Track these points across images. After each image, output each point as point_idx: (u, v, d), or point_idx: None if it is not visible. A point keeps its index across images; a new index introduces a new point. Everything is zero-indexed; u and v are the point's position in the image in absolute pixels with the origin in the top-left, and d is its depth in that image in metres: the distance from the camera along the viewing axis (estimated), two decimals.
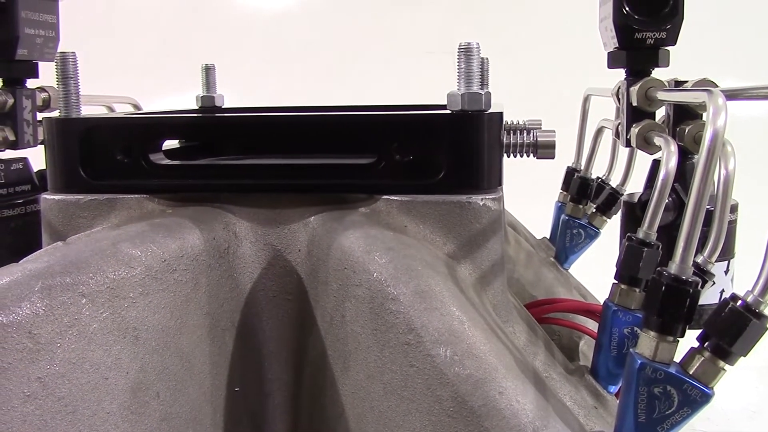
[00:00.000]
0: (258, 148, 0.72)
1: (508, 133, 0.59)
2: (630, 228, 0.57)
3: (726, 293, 0.59)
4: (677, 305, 0.42)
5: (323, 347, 0.53)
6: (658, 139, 0.55)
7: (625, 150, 0.73)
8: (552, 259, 0.83)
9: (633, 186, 0.76)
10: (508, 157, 0.59)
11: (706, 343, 0.42)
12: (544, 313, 0.69)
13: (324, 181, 0.57)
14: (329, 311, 0.52)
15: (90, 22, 1.85)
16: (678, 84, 0.60)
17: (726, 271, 0.59)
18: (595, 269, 0.83)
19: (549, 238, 0.88)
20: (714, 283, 0.55)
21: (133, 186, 0.58)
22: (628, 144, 0.61)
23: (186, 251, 0.52)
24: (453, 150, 0.54)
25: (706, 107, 0.43)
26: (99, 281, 0.46)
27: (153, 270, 0.49)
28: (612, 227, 0.78)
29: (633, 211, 0.60)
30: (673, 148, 0.50)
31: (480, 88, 0.54)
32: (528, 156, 0.60)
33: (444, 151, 0.54)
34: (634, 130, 0.59)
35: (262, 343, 0.56)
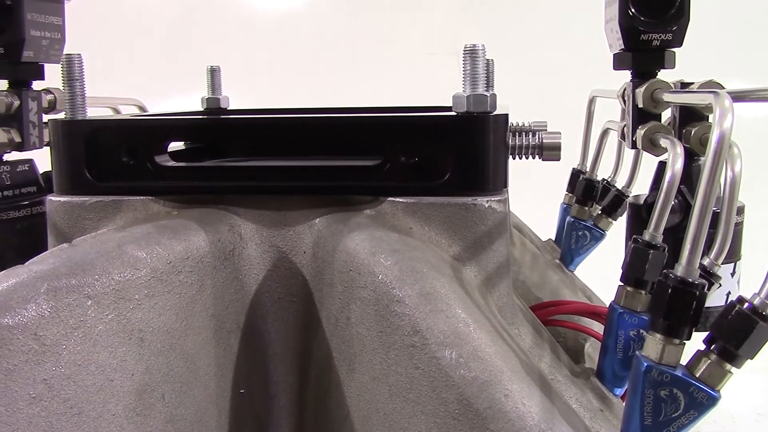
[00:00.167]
0: (263, 150, 0.72)
1: (514, 135, 0.59)
2: (636, 230, 0.57)
3: (732, 295, 0.59)
4: (684, 308, 0.42)
5: (328, 349, 0.53)
6: (664, 141, 0.55)
7: (630, 151, 0.73)
8: (557, 260, 0.83)
9: (638, 188, 0.76)
10: (514, 158, 0.59)
11: (713, 346, 0.42)
12: (549, 315, 0.69)
13: (329, 183, 0.57)
14: (334, 313, 0.52)
15: (95, 23, 1.86)
16: (684, 86, 0.60)
17: (732, 273, 0.59)
18: (600, 271, 0.83)
19: (554, 239, 0.88)
20: (720, 285, 0.55)
21: (138, 188, 0.58)
22: (633, 146, 0.61)
23: (191, 253, 0.52)
24: (458, 152, 0.54)
25: (712, 109, 0.43)
26: (104, 283, 0.46)
27: (158, 272, 0.49)
28: (617, 229, 0.78)
29: (639, 213, 0.60)
30: (679, 149, 0.50)
31: (485, 90, 0.54)
32: (533, 158, 0.59)
33: (449, 153, 0.54)
34: (640, 131, 0.59)
35: (267, 345, 0.56)
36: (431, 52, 1.97)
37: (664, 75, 0.60)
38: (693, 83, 0.60)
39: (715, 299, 0.56)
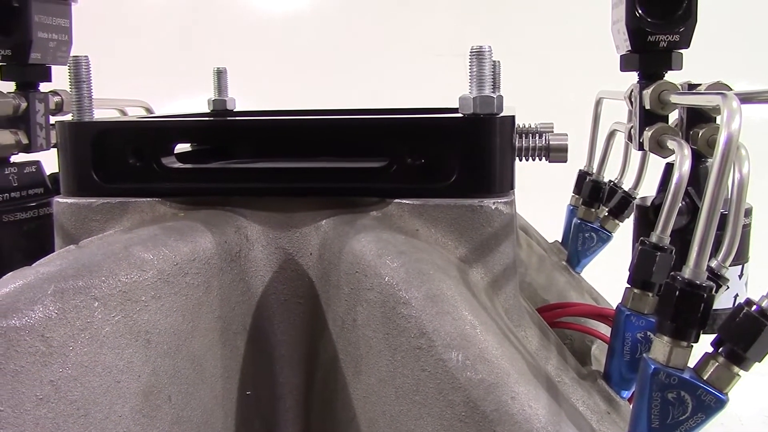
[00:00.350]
0: (270, 152, 0.72)
1: (520, 137, 0.59)
2: (643, 232, 0.57)
3: (740, 298, 0.58)
4: (691, 310, 0.42)
5: (335, 351, 0.53)
6: (672, 143, 0.55)
7: (637, 153, 0.73)
8: (564, 262, 0.83)
9: (645, 189, 0.75)
10: (520, 160, 0.59)
11: (721, 349, 0.42)
12: (556, 317, 0.68)
13: (335, 185, 0.57)
14: (341, 315, 0.52)
15: (101, 25, 1.86)
16: (691, 87, 0.60)
17: (740, 276, 0.59)
18: (607, 272, 0.83)
19: (561, 241, 0.88)
20: (728, 287, 0.55)
21: (145, 189, 0.58)
22: (640, 147, 0.60)
23: (198, 255, 0.52)
24: (465, 153, 0.54)
25: (719, 110, 0.43)
26: (111, 285, 0.46)
27: (165, 273, 0.49)
28: (624, 230, 0.78)
29: (646, 215, 0.60)
30: (686, 151, 0.50)
31: (492, 92, 0.54)
32: (540, 159, 0.59)
33: (456, 154, 0.54)
34: (647, 133, 0.59)
35: (273, 347, 0.56)
36: (437, 53, 1.97)
37: (671, 76, 0.60)
38: (700, 85, 0.59)
39: (722, 301, 0.55)
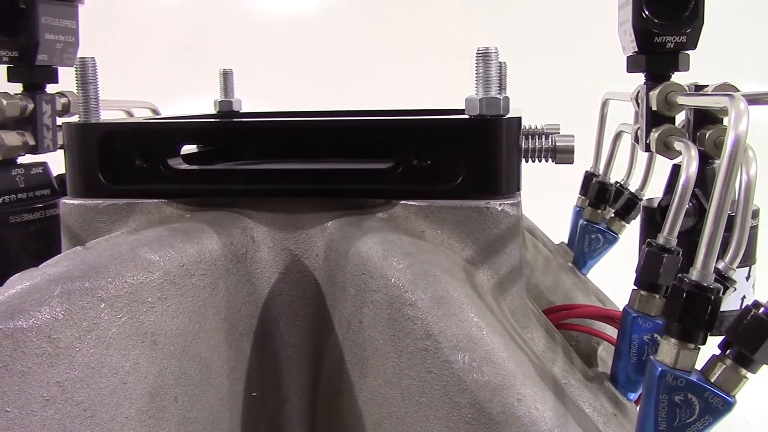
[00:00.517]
0: (276, 153, 0.72)
1: (527, 138, 0.59)
2: (650, 233, 0.57)
3: (747, 300, 0.58)
4: (698, 312, 0.42)
5: (341, 352, 0.53)
6: (679, 144, 0.55)
7: (643, 154, 0.73)
8: (570, 264, 0.83)
9: (651, 191, 0.75)
10: (527, 162, 0.59)
11: (728, 351, 0.42)
12: (562, 318, 0.68)
13: (341, 186, 0.57)
14: (347, 316, 0.52)
15: (107, 26, 1.87)
16: (698, 88, 0.60)
17: (747, 277, 0.59)
18: (613, 274, 0.83)
19: (567, 243, 0.88)
20: (735, 289, 0.54)
21: (151, 191, 0.58)
22: (647, 149, 0.60)
23: (204, 256, 0.52)
24: (471, 155, 0.54)
25: (727, 112, 0.43)
26: (118, 286, 0.46)
27: (171, 275, 0.49)
28: (630, 232, 0.78)
29: (653, 217, 0.59)
30: (693, 153, 0.50)
31: (498, 93, 0.54)
32: (546, 161, 0.59)
33: (462, 156, 0.54)
34: (653, 134, 0.58)
35: (279, 348, 0.56)
36: (442, 54, 1.97)
37: (678, 77, 0.60)
38: (707, 86, 0.59)
39: (729, 303, 0.55)
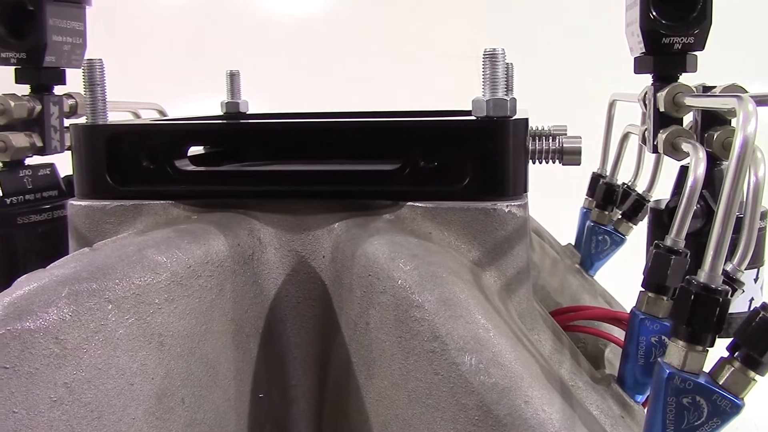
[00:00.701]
0: (282, 154, 0.72)
1: (534, 140, 0.59)
2: (657, 235, 0.57)
3: (756, 302, 0.58)
4: (707, 314, 0.41)
5: (347, 354, 0.53)
6: (686, 146, 0.54)
7: (651, 156, 0.72)
8: (577, 265, 0.83)
9: (658, 192, 0.75)
10: (534, 163, 0.59)
11: (736, 353, 0.42)
12: (569, 320, 0.68)
13: (348, 188, 0.57)
14: (353, 318, 0.52)
15: (116, 28, 1.87)
16: (706, 89, 0.60)
17: (755, 279, 0.58)
18: (620, 275, 0.83)
19: (574, 244, 0.87)
20: (743, 291, 0.54)
21: (158, 192, 0.58)
22: (655, 150, 0.60)
23: (211, 257, 0.52)
24: (478, 156, 0.54)
25: (735, 113, 0.43)
26: (125, 287, 0.47)
27: (178, 276, 0.49)
28: (637, 233, 0.78)
29: (660, 218, 0.59)
30: (701, 154, 0.50)
31: (505, 94, 0.54)
32: (554, 162, 0.59)
33: (469, 157, 0.54)
34: (661, 136, 0.58)
35: (286, 350, 0.56)
36: (449, 55, 1.97)
37: (685, 78, 0.60)
38: (715, 87, 0.59)
39: (738, 305, 0.55)
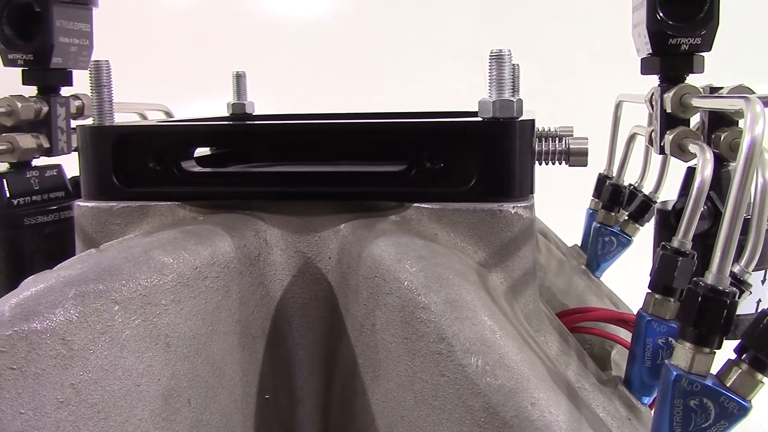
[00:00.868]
0: (289, 155, 0.72)
1: (540, 141, 0.59)
2: (664, 236, 0.57)
3: (763, 303, 0.58)
4: (714, 316, 0.41)
5: (353, 355, 0.53)
6: (693, 147, 0.54)
7: (657, 157, 0.72)
8: (583, 267, 0.82)
9: (665, 193, 0.75)
10: (540, 164, 0.59)
11: (744, 355, 0.42)
12: (575, 322, 0.68)
13: (354, 189, 0.57)
14: (359, 319, 0.52)
15: (123, 29, 1.88)
16: (713, 90, 0.59)
17: (763, 281, 0.58)
18: (627, 277, 0.83)
19: (580, 245, 0.87)
20: (751, 293, 0.54)
21: (165, 193, 0.58)
22: (661, 151, 0.60)
23: (217, 258, 0.52)
24: (484, 157, 0.54)
25: (742, 114, 0.43)
26: (131, 288, 0.47)
27: (185, 277, 0.49)
28: (643, 235, 0.77)
29: (667, 219, 0.59)
30: (708, 155, 0.49)
31: (511, 95, 0.54)
32: (560, 163, 0.59)
33: (475, 158, 0.54)
34: (668, 137, 0.58)
35: (292, 351, 0.56)
36: (455, 56, 1.97)
37: (692, 79, 0.59)
38: (722, 88, 0.59)
39: (745, 307, 0.55)
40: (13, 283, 0.48)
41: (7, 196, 0.70)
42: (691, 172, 0.59)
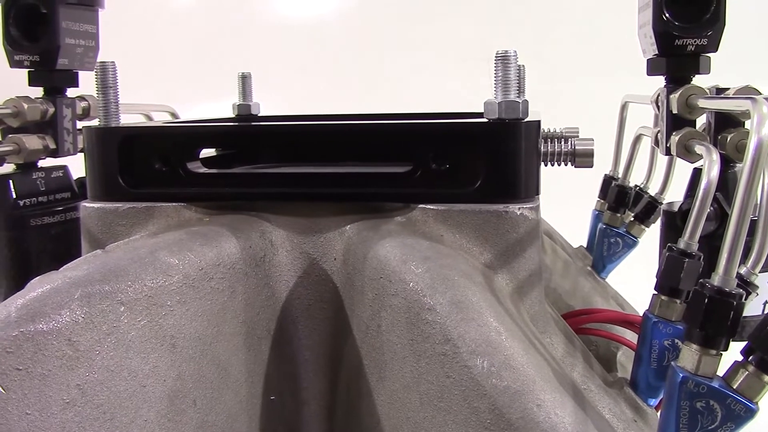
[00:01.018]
0: (294, 157, 0.72)
1: (546, 142, 0.59)
2: (670, 238, 0.56)
3: None
4: (721, 318, 0.41)
5: (359, 356, 0.53)
6: (700, 148, 0.54)
7: (663, 158, 0.72)
8: (589, 268, 0.82)
9: (671, 194, 0.75)
10: (546, 165, 0.59)
11: (751, 357, 0.42)
12: (581, 323, 0.68)
13: (360, 190, 0.57)
14: (365, 320, 0.52)
15: (128, 31, 1.88)
16: (719, 91, 0.59)
17: None
18: (632, 278, 0.82)
19: (586, 246, 0.87)
20: (758, 294, 0.54)
21: (170, 194, 0.58)
22: (667, 152, 0.60)
23: (223, 259, 0.52)
24: (490, 159, 0.54)
25: (749, 115, 0.43)
26: (137, 289, 0.47)
27: (190, 278, 0.49)
28: (649, 236, 0.77)
29: (673, 221, 0.59)
30: (715, 156, 0.49)
31: (517, 96, 0.54)
32: (566, 165, 0.59)
33: (481, 159, 0.54)
34: (674, 138, 0.58)
35: (297, 352, 0.56)
36: (461, 57, 1.97)
37: (698, 80, 0.59)
38: (728, 89, 0.59)
39: (752, 308, 0.55)
40: (19, 284, 0.48)
41: (14, 197, 0.70)
42: (697, 174, 0.59)
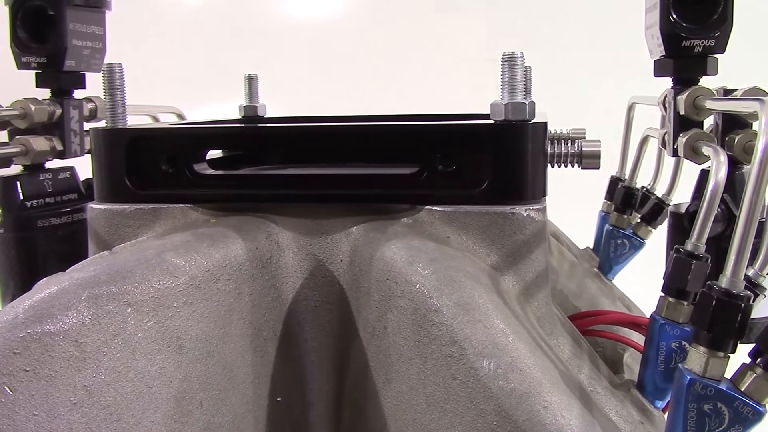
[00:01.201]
0: (300, 158, 0.72)
1: (552, 143, 0.58)
2: (677, 239, 0.56)
3: None
4: (728, 320, 0.41)
5: (365, 358, 0.53)
6: (707, 149, 0.54)
7: (670, 159, 0.72)
8: (595, 269, 0.82)
9: (678, 196, 0.74)
10: (552, 167, 0.59)
11: (759, 359, 0.41)
12: (588, 325, 0.68)
13: (366, 192, 0.57)
14: (371, 322, 0.52)
15: (135, 32, 1.89)
16: (727, 92, 0.59)
17: None
18: (639, 280, 0.82)
19: (592, 248, 0.87)
20: (766, 296, 0.54)
21: (177, 196, 0.58)
22: (675, 153, 0.60)
23: (229, 261, 0.52)
24: (497, 160, 0.54)
25: (757, 116, 0.42)
26: (144, 291, 0.47)
27: (197, 279, 0.49)
28: (656, 237, 0.77)
29: (680, 222, 0.59)
30: (722, 158, 0.49)
31: (524, 98, 0.54)
32: (572, 166, 0.59)
33: (488, 161, 0.54)
34: (681, 139, 0.58)
35: (304, 353, 0.56)
36: (467, 59, 1.97)
37: (706, 81, 0.59)
38: (736, 90, 0.58)
39: (760, 311, 0.55)
40: (26, 285, 0.48)
41: (21, 198, 0.70)
42: (704, 175, 0.59)
